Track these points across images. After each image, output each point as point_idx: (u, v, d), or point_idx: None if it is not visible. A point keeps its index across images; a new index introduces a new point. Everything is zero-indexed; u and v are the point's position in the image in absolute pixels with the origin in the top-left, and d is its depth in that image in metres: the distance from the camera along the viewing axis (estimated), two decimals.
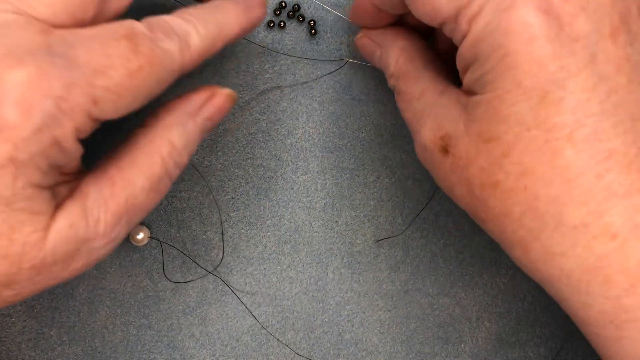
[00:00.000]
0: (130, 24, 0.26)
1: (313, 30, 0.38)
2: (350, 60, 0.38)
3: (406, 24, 0.34)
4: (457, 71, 0.28)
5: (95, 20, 0.27)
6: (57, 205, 0.26)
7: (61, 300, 0.38)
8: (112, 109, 0.25)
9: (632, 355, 0.25)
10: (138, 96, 0.26)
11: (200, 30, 0.28)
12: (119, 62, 0.25)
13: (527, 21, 0.24)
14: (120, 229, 0.27)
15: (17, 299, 0.26)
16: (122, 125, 0.29)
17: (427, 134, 0.28)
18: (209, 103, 0.30)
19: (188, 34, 0.27)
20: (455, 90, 0.28)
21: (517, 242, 0.26)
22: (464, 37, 0.26)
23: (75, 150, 0.25)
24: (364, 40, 0.34)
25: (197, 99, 0.30)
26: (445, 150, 0.27)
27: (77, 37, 0.25)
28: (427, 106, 0.29)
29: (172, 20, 0.28)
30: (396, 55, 0.32)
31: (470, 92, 0.27)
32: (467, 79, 0.27)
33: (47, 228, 0.25)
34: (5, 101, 0.23)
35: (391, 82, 0.32)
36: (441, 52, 0.33)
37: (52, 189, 0.25)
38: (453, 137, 0.27)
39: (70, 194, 0.26)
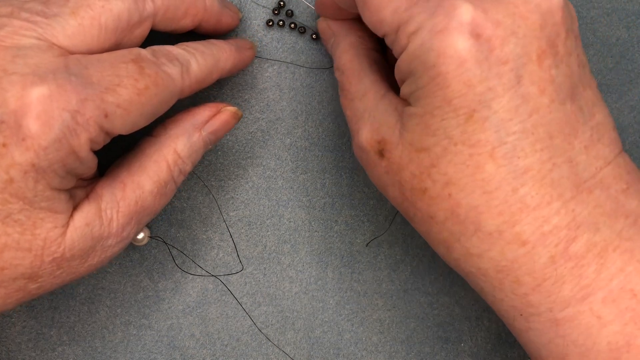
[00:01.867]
0: (137, 50, 0.29)
1: (314, 35, 0.38)
2: None
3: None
4: None
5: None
6: (75, 205, 0.29)
7: (61, 300, 0.38)
8: (121, 123, 0.28)
9: (537, 343, 0.29)
10: (144, 113, 0.29)
11: (199, 60, 0.31)
12: (127, 82, 0.28)
13: (457, 45, 0.26)
14: (131, 228, 0.31)
15: (40, 292, 0.29)
16: (133, 135, 0.31)
17: (365, 135, 0.30)
18: (215, 118, 0.33)
19: (188, 62, 0.31)
20: (395, 97, 0.30)
21: (441, 242, 0.29)
22: (402, 51, 0.27)
23: (90, 160, 0.28)
24: (323, 24, 0.36)
25: (204, 113, 0.33)
26: (381, 153, 0.30)
27: (91, 60, 0.28)
28: (368, 108, 0.31)
29: (174, 49, 0.31)
30: (343, 50, 0.33)
31: (406, 102, 0.29)
32: (403, 90, 0.28)
33: (66, 226, 0.28)
34: (29, 114, 0.26)
35: (336, 74, 0.34)
36: (388, 55, 0.35)
37: (70, 191, 0.28)
38: (389, 142, 0.29)
39: (86, 196, 0.30)
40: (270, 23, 0.38)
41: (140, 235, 0.38)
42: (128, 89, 0.28)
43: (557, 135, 0.27)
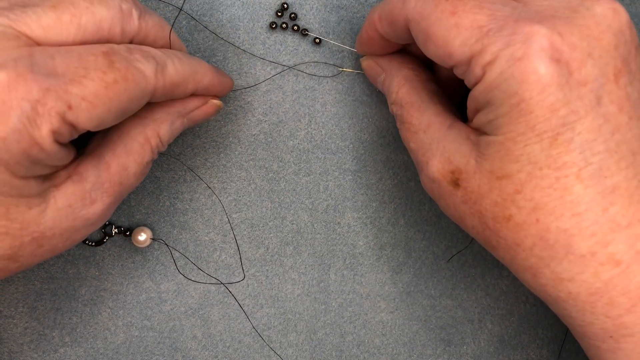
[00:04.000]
0: (110, 44, 0.29)
1: (317, 40, 0.38)
2: (346, 70, 0.38)
3: (411, 52, 0.35)
4: (459, 102, 0.30)
5: None
6: (56, 186, 0.29)
7: (63, 302, 0.38)
8: (86, 117, 0.27)
9: None
10: (112, 109, 0.28)
11: (176, 64, 0.31)
12: (94, 74, 0.27)
13: (539, 71, 0.26)
14: (113, 206, 0.31)
15: (21, 269, 0.29)
16: None
17: (436, 166, 0.30)
18: (200, 108, 0.33)
19: (165, 62, 0.30)
20: (464, 127, 0.30)
21: (528, 268, 0.28)
22: (478, 81, 0.27)
23: (57, 152, 0.27)
24: (369, 62, 0.36)
25: (192, 103, 0.33)
26: (456, 183, 0.29)
27: (58, 51, 0.27)
28: (435, 139, 0.30)
29: (152, 49, 0.30)
30: (400, 84, 0.33)
31: (480, 131, 0.29)
32: (479, 119, 0.28)
33: (44, 206, 0.28)
34: None
35: (393, 109, 0.33)
36: (441, 81, 0.35)
37: (44, 177, 0.28)
38: (464, 171, 0.29)
39: (69, 177, 0.29)
40: (274, 26, 0.38)
41: (143, 237, 0.38)
42: (95, 82, 0.27)
43: (638, 151, 0.27)
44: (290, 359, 0.39)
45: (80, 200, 0.29)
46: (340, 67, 0.38)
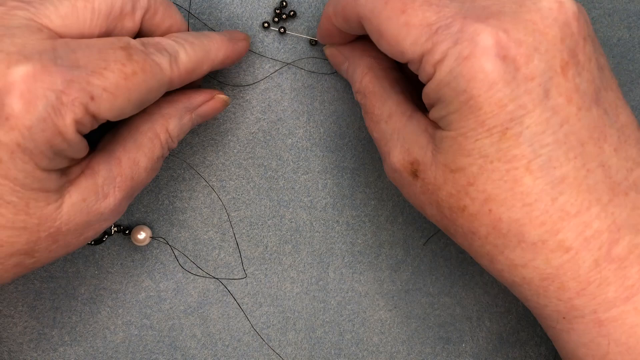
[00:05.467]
0: (127, 38, 0.30)
1: (313, 41, 0.38)
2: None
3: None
4: (420, 90, 0.30)
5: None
6: (71, 181, 0.29)
7: (63, 301, 0.38)
8: (108, 107, 0.28)
9: (577, 342, 0.30)
10: (132, 99, 0.29)
11: (189, 50, 0.31)
12: (114, 66, 0.28)
13: (485, 69, 0.26)
14: (126, 202, 0.32)
15: (36, 266, 0.30)
16: None
17: (397, 157, 0.31)
18: (207, 103, 0.34)
19: (177, 52, 0.31)
20: (423, 118, 0.31)
21: (484, 255, 0.30)
22: (429, 78, 0.28)
23: (78, 142, 0.28)
24: (332, 50, 0.36)
25: (198, 97, 0.34)
26: (415, 174, 0.30)
27: (79, 44, 0.28)
28: (396, 130, 0.31)
29: (163, 40, 0.31)
30: (362, 73, 0.33)
31: (435, 125, 0.29)
32: (433, 115, 0.29)
33: (60, 202, 0.29)
34: (12, 93, 0.26)
35: (357, 97, 0.34)
36: (403, 68, 0.35)
37: (62, 170, 0.29)
38: (422, 163, 0.30)
39: (82, 172, 0.30)
40: (266, 25, 0.38)
41: (142, 236, 0.38)
42: (115, 73, 0.28)
43: (587, 141, 0.28)
44: (289, 358, 0.39)
45: (93, 194, 0.30)
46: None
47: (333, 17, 0.33)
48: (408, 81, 0.34)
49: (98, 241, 0.38)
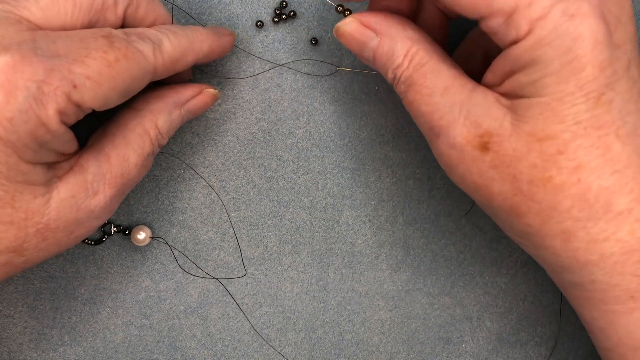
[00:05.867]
0: (108, 28, 0.30)
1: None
2: (343, 69, 0.38)
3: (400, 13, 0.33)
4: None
5: None
6: (59, 177, 0.29)
7: (62, 301, 0.38)
8: (91, 96, 0.27)
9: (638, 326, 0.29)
10: (116, 87, 0.28)
11: (172, 39, 0.31)
12: (96, 54, 0.28)
13: (594, 27, 0.26)
14: (117, 200, 0.32)
15: (27, 266, 0.29)
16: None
17: (460, 130, 0.29)
18: (196, 98, 0.34)
19: (160, 40, 0.31)
20: (489, 91, 0.29)
21: (560, 233, 0.28)
22: (520, 38, 0.27)
23: (63, 134, 0.27)
24: (354, 26, 0.31)
25: (186, 92, 0.34)
26: (484, 147, 0.28)
27: (60, 35, 0.28)
28: (457, 102, 0.29)
29: (146, 29, 0.31)
30: (407, 46, 0.30)
31: (513, 95, 0.28)
32: (516, 81, 0.28)
33: (48, 196, 0.28)
34: None
35: (398, 72, 0.31)
36: None
37: (49, 164, 0.28)
38: (496, 134, 0.28)
39: (71, 168, 0.30)
40: (259, 24, 0.38)
41: (142, 236, 0.38)
42: (97, 61, 0.27)
43: None
44: (289, 358, 0.39)
45: (82, 191, 0.30)
46: (337, 66, 0.38)
47: None
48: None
49: (98, 241, 0.38)
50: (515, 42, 0.27)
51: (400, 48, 0.30)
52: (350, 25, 0.31)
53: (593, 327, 0.30)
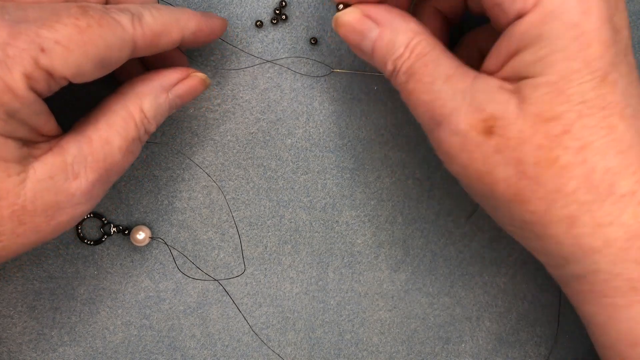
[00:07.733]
0: (86, 2, 0.29)
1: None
2: (337, 70, 0.38)
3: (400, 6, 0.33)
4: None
5: None
6: (36, 157, 0.28)
7: (62, 301, 0.38)
8: (62, 62, 0.26)
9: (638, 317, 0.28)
10: (89, 54, 0.27)
11: (154, 13, 0.30)
12: (67, 20, 0.27)
13: (600, 3, 0.26)
14: (100, 186, 0.30)
15: (4, 254, 0.28)
16: (95, 94, 0.30)
17: (463, 116, 0.28)
18: (183, 82, 0.33)
19: (141, 13, 0.30)
20: (491, 78, 0.29)
21: (564, 218, 0.28)
22: (524, 14, 0.26)
23: (32, 102, 0.26)
24: (355, 16, 0.31)
25: (172, 75, 0.32)
26: (489, 132, 0.28)
27: (32, 5, 0.27)
28: (460, 90, 0.29)
29: (128, 4, 0.30)
30: (409, 37, 0.30)
31: (516, 77, 0.28)
32: (520, 61, 0.27)
33: (23, 175, 0.27)
34: None
35: (398, 63, 0.30)
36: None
37: (25, 141, 0.27)
38: (501, 118, 0.28)
39: (50, 149, 0.28)
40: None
41: (141, 236, 0.38)
42: (67, 26, 0.26)
43: None
44: (288, 358, 0.39)
45: (62, 172, 0.28)
46: (331, 67, 0.38)
47: None
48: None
49: (97, 241, 0.38)
50: (520, 15, 0.27)
51: (401, 39, 0.30)
52: (351, 15, 0.31)
53: (592, 323, 0.30)
